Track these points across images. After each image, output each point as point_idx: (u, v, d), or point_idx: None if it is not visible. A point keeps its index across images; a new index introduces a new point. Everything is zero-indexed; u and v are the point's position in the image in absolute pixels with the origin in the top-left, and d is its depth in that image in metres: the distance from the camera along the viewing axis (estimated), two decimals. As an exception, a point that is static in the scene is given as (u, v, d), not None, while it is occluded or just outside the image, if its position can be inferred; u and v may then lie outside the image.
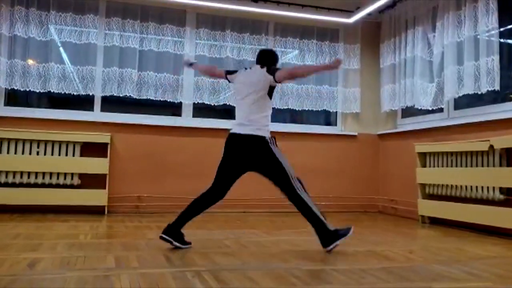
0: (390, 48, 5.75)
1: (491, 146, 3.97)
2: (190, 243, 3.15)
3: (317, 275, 2.43)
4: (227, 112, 5.86)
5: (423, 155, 4.89)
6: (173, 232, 3.09)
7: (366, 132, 6.02)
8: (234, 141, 3.27)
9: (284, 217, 5.03)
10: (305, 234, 3.91)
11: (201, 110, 5.62)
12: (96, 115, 5.21)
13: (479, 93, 4.34)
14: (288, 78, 3.28)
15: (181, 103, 5.45)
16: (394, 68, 5.66)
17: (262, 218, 4.96)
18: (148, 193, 5.19)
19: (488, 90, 4.24)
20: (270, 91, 3.25)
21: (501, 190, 3.98)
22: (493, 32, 4.24)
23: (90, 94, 5.16)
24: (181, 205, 5.27)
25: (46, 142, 4.85)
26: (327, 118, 6.29)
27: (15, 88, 4.91)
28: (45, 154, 4.84)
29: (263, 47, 5.69)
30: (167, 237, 3.06)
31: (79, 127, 5.03)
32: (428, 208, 4.75)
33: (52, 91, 5.00)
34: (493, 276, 2.49)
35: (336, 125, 6.11)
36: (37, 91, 4.97)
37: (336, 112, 6.07)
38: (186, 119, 5.48)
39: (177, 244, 3.07)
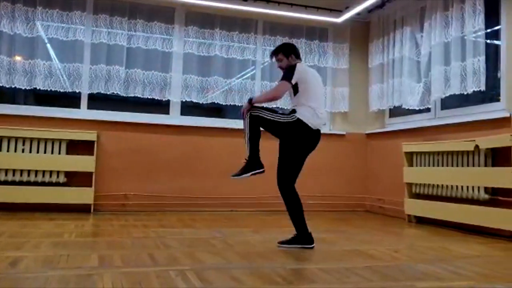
0: (378, 48, 5.78)
1: (477, 146, 4.00)
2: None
3: (301, 274, 2.43)
4: (215, 110, 5.85)
5: (410, 155, 4.92)
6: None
7: (354, 132, 6.04)
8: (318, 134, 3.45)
9: (273, 216, 5.02)
10: (292, 233, 3.91)
11: (189, 108, 5.60)
12: (83, 112, 5.17)
13: (465, 93, 4.37)
14: None
15: (169, 101, 5.42)
16: (382, 68, 5.68)
17: (251, 217, 4.96)
18: (135, 191, 5.16)
19: (474, 91, 4.27)
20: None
21: (486, 189, 4.02)
22: (479, 33, 4.28)
23: (77, 91, 5.11)
24: (168, 203, 5.30)
25: (31, 139, 4.80)
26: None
27: (0, 85, 4.85)
28: (30, 152, 4.79)
29: (252, 46, 5.70)
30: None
31: (65, 124, 4.98)
32: (415, 207, 4.77)
33: (38, 88, 4.95)
34: (476, 275, 2.51)
35: (324, 124, 6.10)
36: (23, 88, 4.91)
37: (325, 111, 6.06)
38: (174, 117, 5.45)
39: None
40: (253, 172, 3.26)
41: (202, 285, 2.14)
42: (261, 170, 3.28)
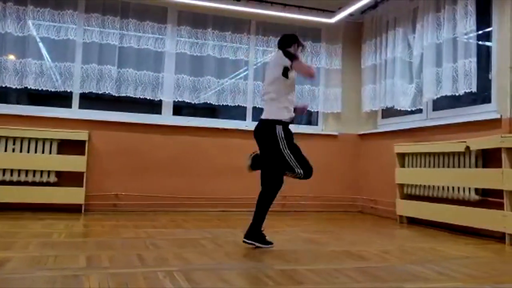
0: (371, 49, 5.78)
1: (467, 147, 4.01)
2: None
3: (290, 275, 2.42)
4: (207, 110, 5.84)
5: (402, 156, 4.93)
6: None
7: (347, 132, 6.04)
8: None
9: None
10: (282, 234, 3.91)
11: (181, 108, 5.59)
12: (74, 112, 5.14)
13: (457, 94, 4.39)
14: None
15: (161, 101, 5.40)
16: (375, 69, 5.69)
17: (242, 218, 4.93)
18: (126, 191, 5.14)
19: (466, 92, 4.29)
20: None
21: (477, 190, 4.03)
22: (471, 34, 4.29)
23: (68, 90, 5.09)
24: (160, 203, 5.29)
25: (22, 139, 4.77)
26: (308, 117, 6.30)
27: (-9, 84, 4.83)
28: (21, 151, 4.76)
29: (244, 46, 5.69)
30: None
31: (57, 124, 4.95)
32: (406, 208, 4.78)
33: (29, 87, 4.92)
34: (464, 276, 2.52)
35: (317, 124, 6.12)
36: (14, 87, 4.88)
37: (317, 111, 6.08)
38: (166, 117, 5.43)
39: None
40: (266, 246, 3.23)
41: (190, 286, 2.13)
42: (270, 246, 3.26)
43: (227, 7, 5.42)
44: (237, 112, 5.79)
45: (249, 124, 5.71)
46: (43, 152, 4.83)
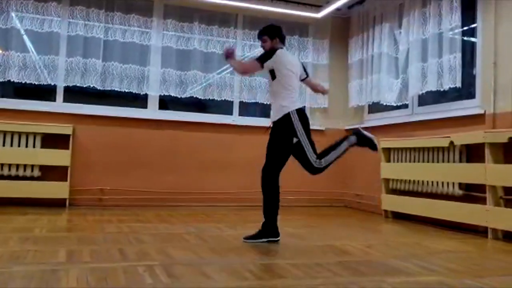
0: (358, 44, 5.78)
1: (452, 143, 4.04)
2: None
3: (272, 269, 2.42)
4: (194, 104, 5.80)
5: (387, 151, 4.95)
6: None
7: (333, 127, 6.03)
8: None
9: (250, 211, 5.00)
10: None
11: (167, 102, 5.55)
12: (58, 105, 5.08)
13: (442, 90, 4.40)
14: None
15: (147, 95, 5.36)
16: (362, 64, 5.69)
17: (228, 212, 4.93)
18: (112, 186, 5.10)
19: (450, 87, 4.31)
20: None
21: (460, 185, 4.06)
22: (456, 30, 4.31)
23: (52, 84, 5.03)
24: (145, 198, 5.25)
25: (5, 132, 4.70)
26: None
27: (-27, 77, 4.75)
28: (4, 145, 4.69)
29: (231, 40, 5.66)
30: None
31: (40, 117, 4.89)
32: (391, 203, 4.81)
33: (12, 80, 4.85)
34: (446, 270, 2.53)
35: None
36: (-4, 80, 4.82)
37: (304, 106, 6.06)
38: (152, 111, 5.39)
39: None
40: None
41: (170, 280, 2.11)
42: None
43: (213, 0, 5.38)
44: (224, 107, 5.76)
45: (236, 119, 5.69)
46: (26, 146, 4.77)
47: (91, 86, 5.09)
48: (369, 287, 2.13)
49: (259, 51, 5.88)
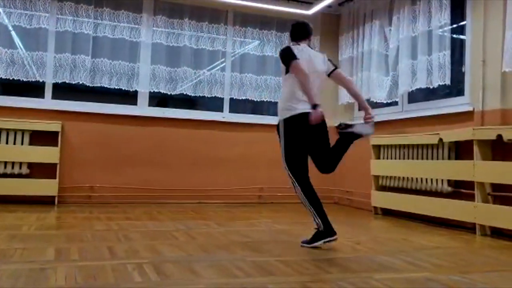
0: (348, 41, 5.79)
1: (441, 139, 4.06)
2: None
3: (261, 266, 2.42)
4: (183, 101, 5.78)
5: (377, 148, 4.97)
6: (325, 230, 3.03)
7: (324, 124, 6.03)
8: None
9: (239, 208, 5.00)
10: (257, 225, 3.91)
11: (159, 99, 5.52)
12: (47, 102, 5.03)
13: (431, 87, 4.43)
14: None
15: (136, 91, 5.33)
16: (352, 61, 5.70)
17: (217, 209, 4.93)
18: (101, 183, 5.07)
19: (439, 85, 4.33)
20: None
21: (449, 182, 4.09)
22: (445, 28, 4.33)
23: (41, 80, 4.98)
24: (135, 195, 5.23)
25: (-7, 129, 4.66)
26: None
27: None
28: (-9, 142, 4.65)
29: (222, 36, 5.64)
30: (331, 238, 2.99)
31: (29, 114, 4.84)
32: (381, 199, 4.83)
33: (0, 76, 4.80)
34: (433, 266, 2.55)
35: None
36: (-17, 76, 4.76)
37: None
38: (142, 108, 5.36)
39: (330, 239, 3.01)
40: (325, 240, 3.02)
41: (159, 278, 2.11)
42: (334, 237, 3.04)
43: (204, -3, 5.37)
44: (214, 104, 5.74)
45: (226, 116, 5.68)
46: (14, 143, 4.72)
47: (80, 82, 5.05)
48: (357, 283, 2.14)
49: (249, 48, 5.89)
